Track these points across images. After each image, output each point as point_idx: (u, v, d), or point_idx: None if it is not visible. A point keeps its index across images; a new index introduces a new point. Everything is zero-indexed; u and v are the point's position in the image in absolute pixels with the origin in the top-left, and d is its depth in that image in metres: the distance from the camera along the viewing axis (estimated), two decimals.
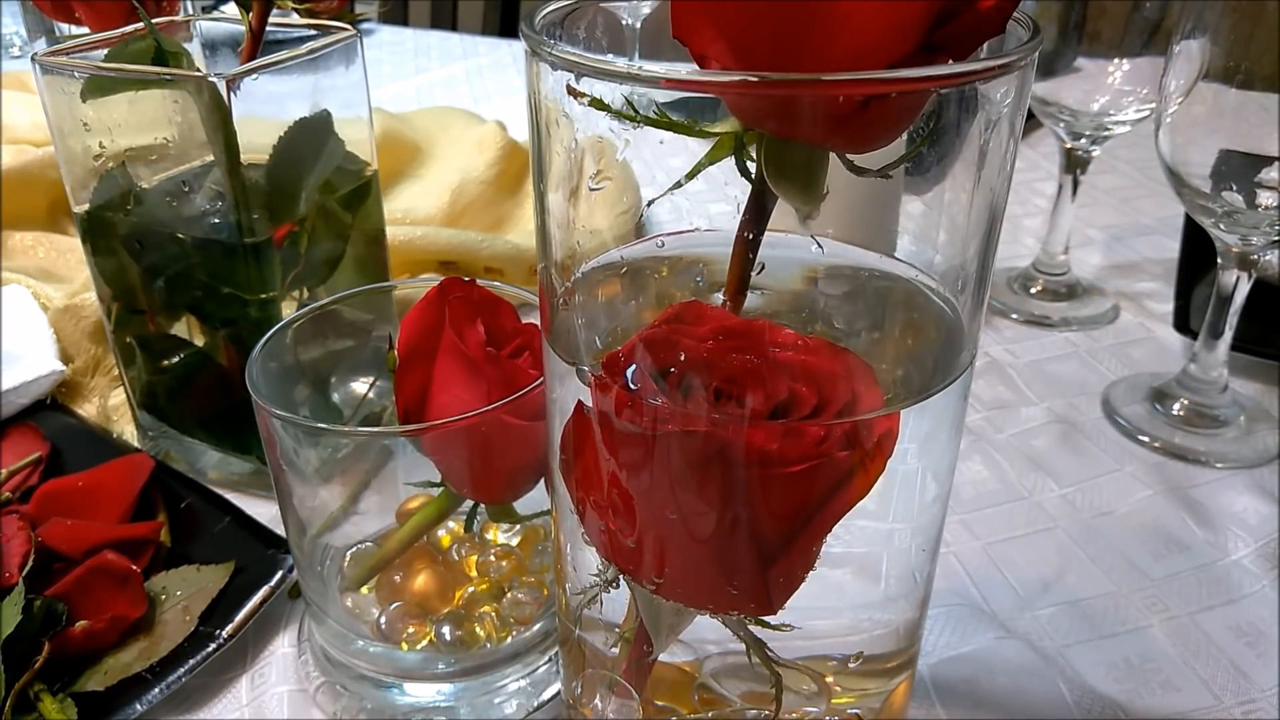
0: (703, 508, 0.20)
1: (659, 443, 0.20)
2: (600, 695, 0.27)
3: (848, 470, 0.20)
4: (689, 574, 0.22)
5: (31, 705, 0.32)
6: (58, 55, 0.39)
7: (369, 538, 0.35)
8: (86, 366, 0.50)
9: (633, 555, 0.22)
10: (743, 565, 0.21)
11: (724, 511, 0.20)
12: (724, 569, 0.21)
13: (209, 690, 0.34)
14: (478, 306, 0.30)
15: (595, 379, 0.21)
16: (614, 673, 0.26)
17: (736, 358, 0.20)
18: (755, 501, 0.20)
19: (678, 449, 0.20)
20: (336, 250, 0.43)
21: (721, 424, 0.20)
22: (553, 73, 0.19)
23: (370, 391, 0.39)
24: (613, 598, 0.24)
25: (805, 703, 0.26)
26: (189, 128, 0.38)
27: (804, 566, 0.21)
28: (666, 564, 0.22)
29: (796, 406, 0.20)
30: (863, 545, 0.24)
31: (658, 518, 0.21)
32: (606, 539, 0.23)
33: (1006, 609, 0.37)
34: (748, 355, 0.20)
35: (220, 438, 0.44)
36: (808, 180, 0.18)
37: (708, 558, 0.21)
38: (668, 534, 0.21)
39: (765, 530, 0.20)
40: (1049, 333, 0.57)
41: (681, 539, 0.21)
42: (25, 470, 0.42)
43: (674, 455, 0.20)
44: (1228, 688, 0.34)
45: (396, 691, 0.33)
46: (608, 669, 0.26)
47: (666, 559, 0.22)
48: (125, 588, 0.35)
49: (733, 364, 0.20)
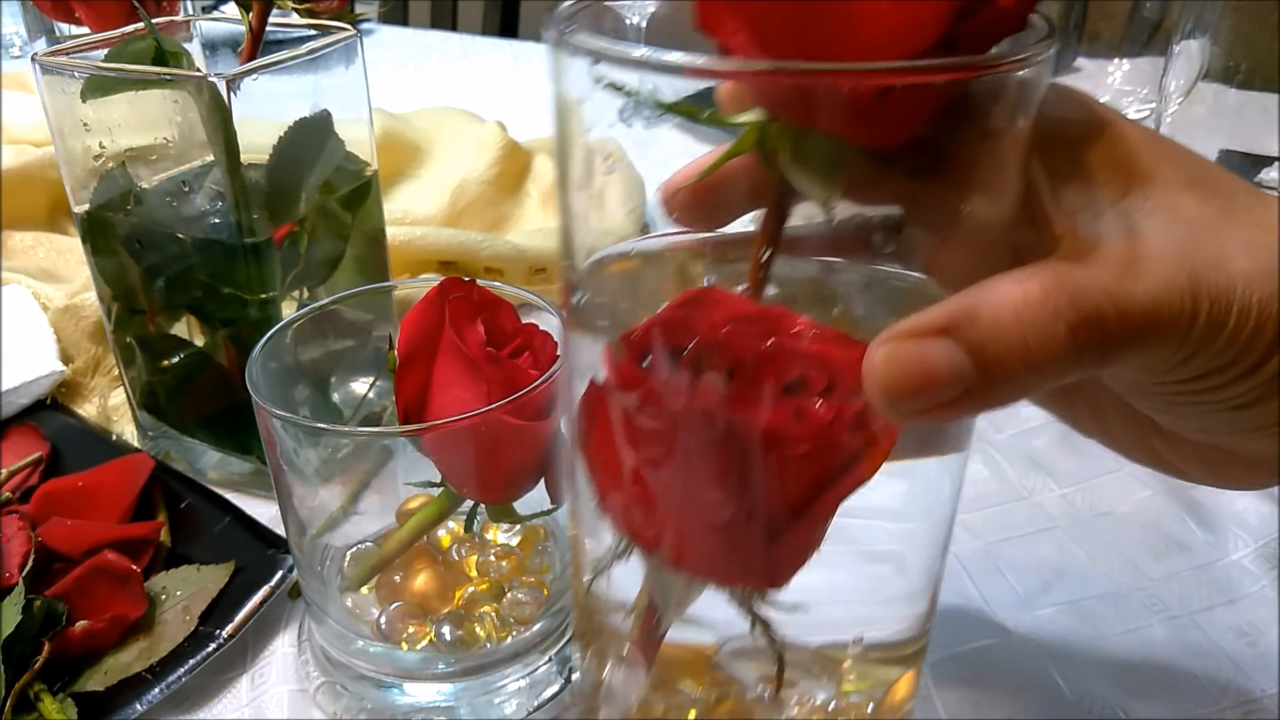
0: (711, 484, 0.21)
1: (670, 421, 0.21)
2: (612, 667, 0.27)
3: (853, 454, 0.21)
4: (697, 546, 0.23)
5: (31, 705, 0.32)
6: (58, 55, 0.39)
7: (369, 538, 0.35)
8: (86, 366, 0.50)
9: (644, 527, 0.23)
10: (748, 540, 0.22)
11: (731, 489, 0.21)
12: (730, 544, 0.22)
13: (209, 690, 0.34)
14: (478, 306, 0.30)
15: (610, 359, 0.22)
16: (625, 645, 0.26)
17: (749, 341, 0.21)
18: (762, 480, 0.21)
19: (688, 427, 0.21)
20: (336, 250, 0.43)
21: (731, 403, 0.20)
22: (573, 62, 0.19)
23: (370, 391, 0.39)
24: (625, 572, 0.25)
25: (815, 687, 0.26)
26: (189, 128, 0.38)
27: (809, 545, 0.22)
28: (674, 536, 0.23)
29: (806, 389, 0.20)
30: (875, 537, 0.25)
31: (670, 494, 0.22)
32: (620, 513, 0.23)
33: (1006, 608, 0.37)
34: (761, 339, 0.21)
35: (220, 438, 0.44)
36: (828, 171, 0.19)
37: (715, 532, 0.22)
38: (678, 508, 0.22)
39: (771, 507, 0.21)
40: None
41: (691, 513, 0.22)
42: (25, 470, 0.42)
43: (684, 433, 0.21)
44: (1227, 688, 0.34)
45: (396, 691, 0.33)
46: (620, 641, 0.27)
47: (674, 531, 0.23)
48: (125, 588, 0.35)
49: (745, 346, 0.20)
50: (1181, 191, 0.20)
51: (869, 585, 0.26)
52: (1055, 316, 0.18)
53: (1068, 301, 0.18)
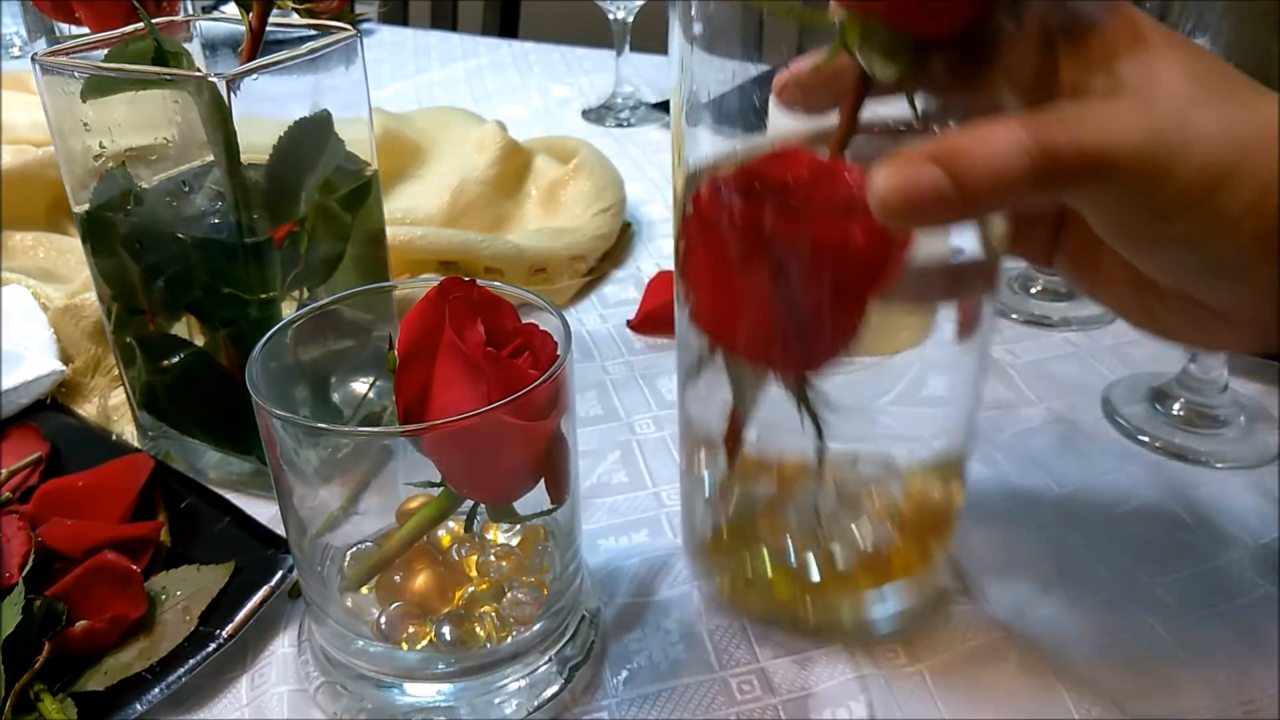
0: (765, 284, 0.28)
1: (739, 234, 0.28)
2: (704, 459, 0.36)
3: (873, 263, 0.27)
4: (758, 339, 0.30)
5: (31, 705, 0.32)
6: (58, 55, 0.39)
7: (369, 538, 0.35)
8: (86, 366, 0.51)
9: (723, 326, 0.31)
10: (797, 333, 0.29)
11: (780, 288, 0.28)
12: (783, 337, 0.29)
13: (209, 690, 0.34)
14: (478, 306, 0.30)
15: (700, 192, 0.29)
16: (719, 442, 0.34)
17: (807, 179, 0.27)
18: (804, 281, 0.28)
19: (748, 240, 0.28)
20: (336, 250, 0.43)
21: (778, 220, 0.27)
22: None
23: (370, 391, 0.39)
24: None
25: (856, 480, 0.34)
26: (189, 128, 0.38)
27: (843, 338, 0.29)
28: (744, 331, 0.30)
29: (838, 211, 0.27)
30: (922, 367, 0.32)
31: (739, 293, 0.29)
32: (704, 319, 0.32)
33: (1006, 608, 0.38)
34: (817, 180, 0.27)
35: (220, 438, 0.44)
36: (891, 53, 0.25)
37: (771, 326, 0.29)
38: (746, 306, 0.29)
39: (811, 304, 0.28)
40: (1049, 333, 0.57)
41: (754, 310, 0.29)
42: (25, 470, 0.42)
43: (748, 243, 0.28)
44: (1228, 688, 0.34)
45: (396, 691, 0.33)
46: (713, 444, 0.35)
47: (744, 327, 0.30)
48: (125, 588, 0.35)
49: (794, 178, 0.28)
50: (1176, 72, 0.24)
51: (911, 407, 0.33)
52: (1019, 148, 0.23)
53: (1030, 137, 0.23)
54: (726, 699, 0.34)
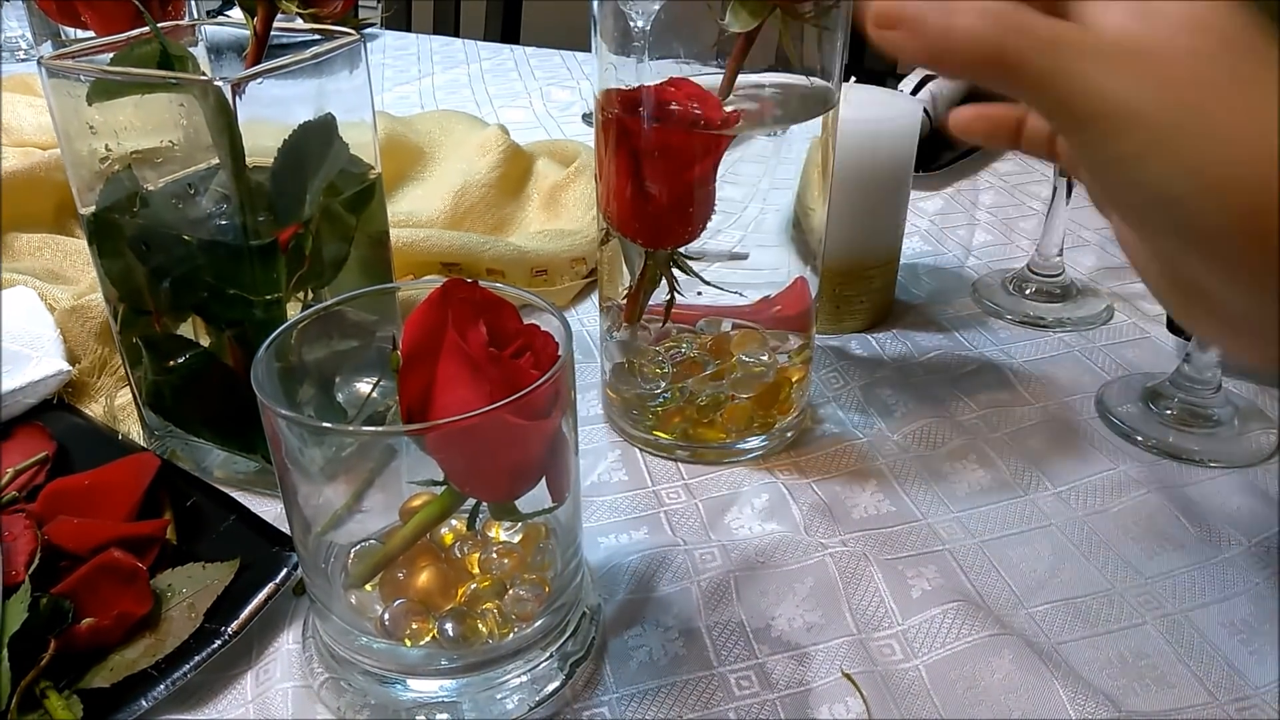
0: (644, 175, 0.40)
1: (629, 137, 0.41)
2: (612, 322, 0.48)
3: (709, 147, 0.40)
4: (638, 219, 0.42)
5: (37, 702, 0.32)
6: (64, 59, 0.39)
7: (373, 535, 0.35)
8: (93, 366, 0.51)
9: (619, 214, 0.43)
10: (668, 213, 0.41)
11: (655, 181, 0.40)
12: (654, 215, 0.41)
13: (214, 686, 0.35)
14: (480, 308, 0.30)
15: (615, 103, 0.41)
16: None
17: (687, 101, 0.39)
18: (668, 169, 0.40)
19: (636, 139, 0.40)
20: (341, 252, 0.44)
21: (662, 126, 0.40)
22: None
23: (374, 391, 0.40)
24: None
25: None
26: (194, 131, 0.38)
27: (705, 213, 0.41)
28: (627, 214, 0.42)
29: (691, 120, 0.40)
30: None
31: (626, 186, 0.41)
32: (610, 211, 0.44)
33: (1001, 606, 0.38)
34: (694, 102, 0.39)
35: (226, 437, 0.44)
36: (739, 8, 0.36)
37: (648, 209, 0.41)
38: (629, 196, 0.41)
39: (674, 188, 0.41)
40: (1043, 334, 0.58)
41: (633, 196, 0.41)
42: (32, 469, 0.43)
43: (635, 142, 0.40)
44: (1222, 684, 0.34)
45: (400, 687, 0.33)
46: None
47: (627, 211, 0.42)
48: (131, 585, 0.36)
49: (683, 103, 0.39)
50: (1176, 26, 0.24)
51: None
52: (972, 38, 0.24)
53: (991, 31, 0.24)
54: (725, 694, 0.34)
